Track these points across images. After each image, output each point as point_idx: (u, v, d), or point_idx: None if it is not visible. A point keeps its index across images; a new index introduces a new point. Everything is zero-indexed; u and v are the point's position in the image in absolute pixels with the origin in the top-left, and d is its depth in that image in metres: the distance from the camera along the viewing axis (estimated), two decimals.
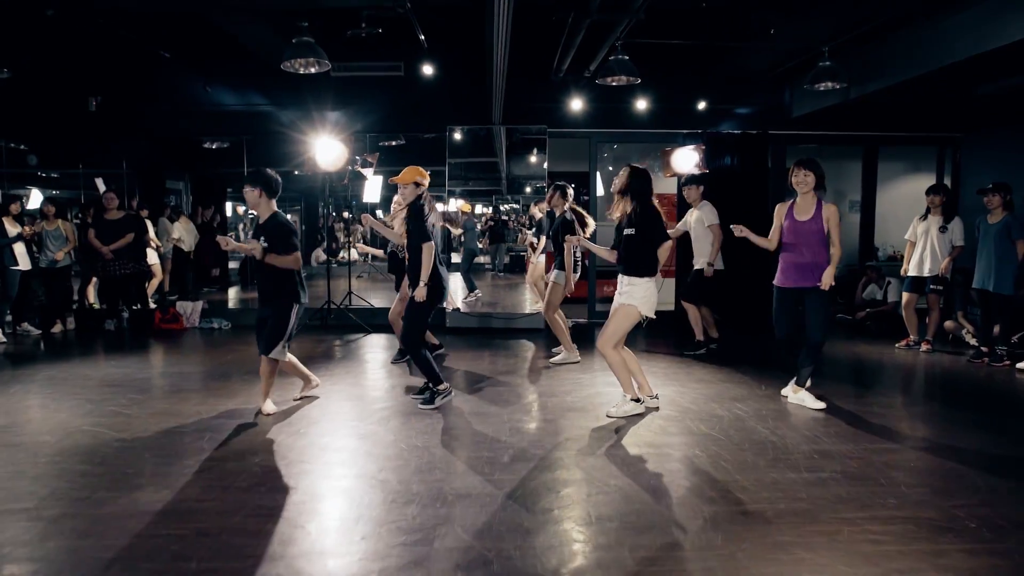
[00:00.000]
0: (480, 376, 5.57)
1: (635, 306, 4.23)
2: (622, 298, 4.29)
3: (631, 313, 4.25)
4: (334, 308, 8.14)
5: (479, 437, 3.97)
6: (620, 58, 6.18)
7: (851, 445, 3.79)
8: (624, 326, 4.30)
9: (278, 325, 4.34)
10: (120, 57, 7.57)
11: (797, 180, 4.60)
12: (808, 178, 4.55)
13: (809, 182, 4.55)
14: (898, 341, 6.87)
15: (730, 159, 8.46)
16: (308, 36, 5.73)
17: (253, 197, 4.29)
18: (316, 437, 3.99)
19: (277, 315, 4.34)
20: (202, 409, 4.58)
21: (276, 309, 4.35)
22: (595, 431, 4.09)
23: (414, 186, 4.62)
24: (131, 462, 3.57)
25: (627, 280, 4.29)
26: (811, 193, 4.60)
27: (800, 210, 4.62)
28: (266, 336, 4.38)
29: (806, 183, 4.56)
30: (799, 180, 4.58)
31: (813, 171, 4.56)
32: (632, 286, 4.26)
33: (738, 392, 4.98)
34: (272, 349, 4.36)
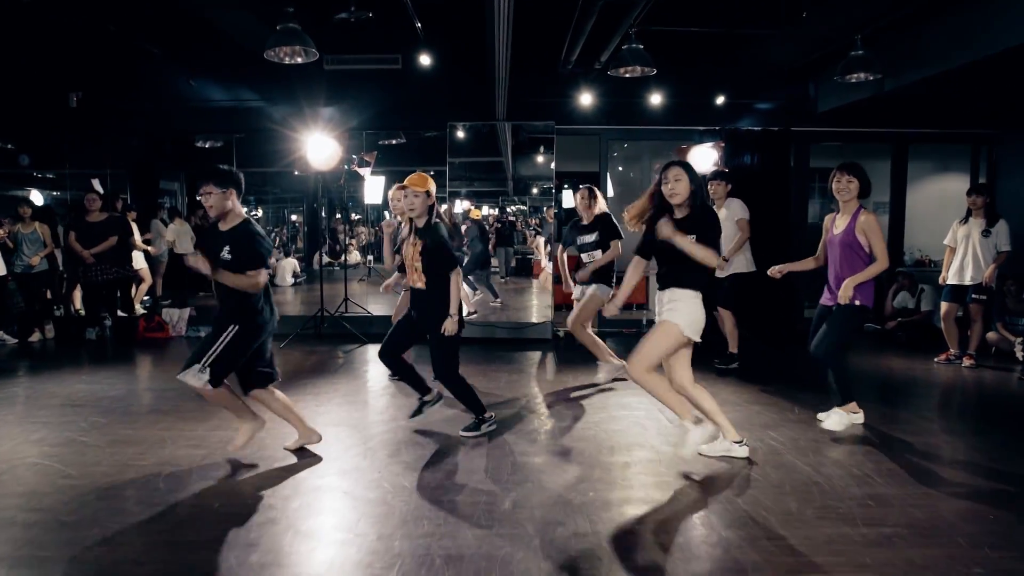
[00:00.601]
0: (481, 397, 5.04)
1: (678, 325, 3.41)
2: (664, 313, 3.48)
3: (672, 331, 3.40)
4: (328, 316, 7.64)
5: (477, 476, 3.45)
6: (634, 47, 5.65)
7: (910, 488, 3.24)
8: (662, 346, 3.43)
9: (207, 341, 3.46)
10: (100, 50, 7.10)
11: (839, 187, 4.02)
12: (852, 185, 3.97)
13: (852, 189, 3.97)
14: (935, 354, 6.31)
15: (750, 157, 7.92)
16: (294, 23, 5.24)
17: (220, 201, 3.47)
18: (289, 473, 3.48)
19: (214, 331, 3.48)
20: (168, 436, 4.08)
21: (217, 325, 3.50)
22: (607, 467, 3.56)
23: (426, 196, 3.87)
24: (72, 508, 3.06)
25: (668, 295, 3.47)
26: (853, 201, 4.02)
27: (838, 223, 4.10)
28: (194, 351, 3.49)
29: (848, 191, 3.99)
30: (840, 187, 4.01)
31: (857, 177, 3.98)
32: (675, 301, 3.43)
33: (770, 418, 4.43)
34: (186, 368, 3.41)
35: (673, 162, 3.47)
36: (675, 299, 3.44)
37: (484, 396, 5.03)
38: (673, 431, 4.16)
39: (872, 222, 3.94)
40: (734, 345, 5.91)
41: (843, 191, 3.99)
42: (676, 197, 3.41)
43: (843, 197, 4.00)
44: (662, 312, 3.49)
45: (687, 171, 3.41)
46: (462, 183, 9.31)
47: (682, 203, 3.42)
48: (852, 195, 3.97)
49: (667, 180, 3.41)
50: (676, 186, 3.38)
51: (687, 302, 3.43)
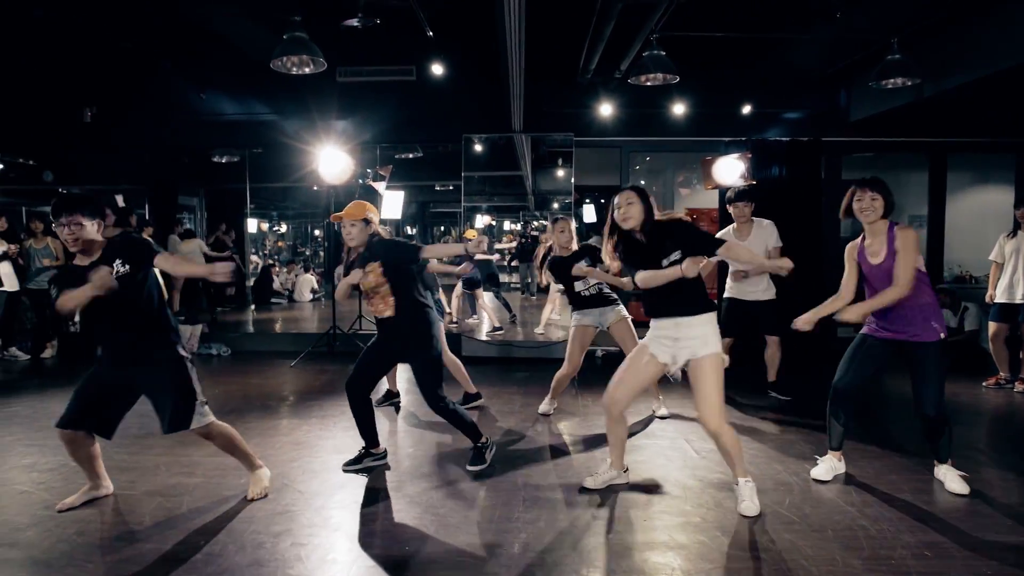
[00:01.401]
0: (494, 421, 4.77)
1: (719, 352, 3.14)
2: (699, 347, 3.11)
3: (719, 363, 3.12)
4: (340, 333, 7.43)
5: (488, 513, 3.17)
6: (656, 53, 5.39)
7: (971, 536, 2.89)
8: (722, 381, 3.13)
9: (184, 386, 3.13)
10: (113, 65, 7.04)
11: (861, 206, 3.42)
12: (876, 203, 3.39)
13: (878, 208, 3.40)
14: (983, 378, 5.90)
15: (778, 169, 7.57)
16: (302, 32, 5.08)
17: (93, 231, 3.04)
18: (286, 505, 3.24)
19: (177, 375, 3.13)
20: (162, 462, 3.87)
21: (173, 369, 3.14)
22: (628, 504, 3.26)
23: (364, 224, 3.65)
24: (48, 544, 2.85)
25: (688, 322, 3.14)
26: (880, 221, 3.44)
27: (871, 249, 3.48)
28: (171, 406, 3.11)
29: (873, 209, 3.40)
30: (863, 206, 3.41)
31: (882, 194, 3.41)
32: (705, 326, 3.14)
33: (804, 449, 4.09)
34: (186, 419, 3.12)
35: (624, 187, 3.23)
36: (705, 326, 3.13)
37: (497, 421, 4.77)
38: (700, 462, 3.85)
39: (911, 237, 3.36)
40: (774, 373, 5.47)
41: (868, 211, 3.42)
42: (629, 222, 3.13)
43: (869, 218, 3.43)
44: (692, 345, 3.13)
45: (638, 193, 3.16)
46: (482, 198, 9.09)
47: (638, 227, 3.15)
48: (878, 214, 3.42)
49: (618, 206, 3.16)
50: (628, 210, 3.13)
51: (712, 325, 3.16)
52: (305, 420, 4.82)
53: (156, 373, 3.10)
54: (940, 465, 3.56)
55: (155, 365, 3.10)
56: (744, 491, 3.16)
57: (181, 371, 3.13)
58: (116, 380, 3.16)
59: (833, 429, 3.65)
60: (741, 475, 3.19)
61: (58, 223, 3.01)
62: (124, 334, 3.08)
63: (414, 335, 3.64)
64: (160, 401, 3.13)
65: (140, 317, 3.08)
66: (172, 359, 3.13)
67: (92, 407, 3.15)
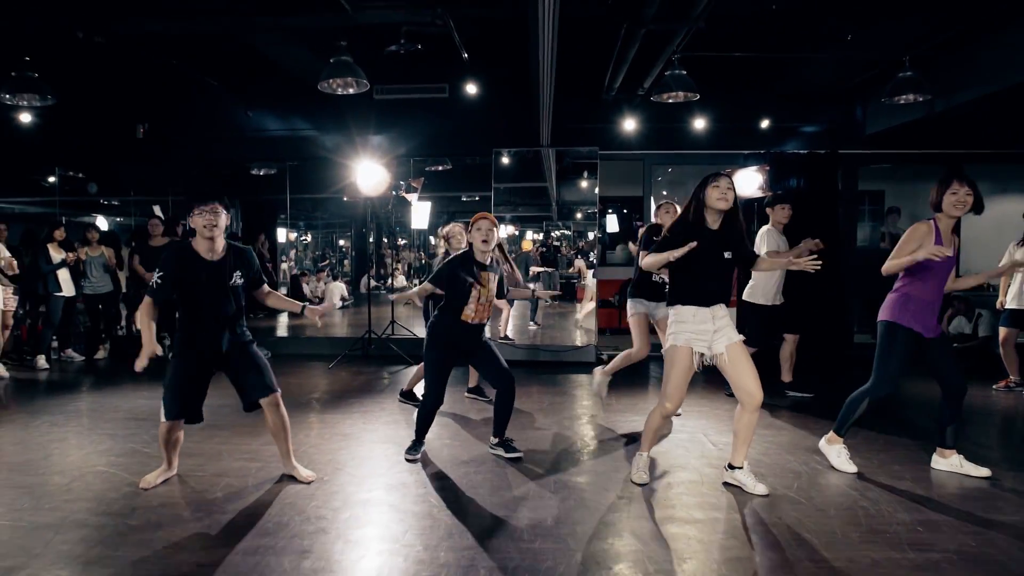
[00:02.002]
0: (525, 418, 5.11)
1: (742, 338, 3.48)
2: (732, 332, 3.42)
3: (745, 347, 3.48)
4: (375, 337, 7.83)
5: (521, 493, 3.51)
6: (677, 73, 5.75)
7: (963, 516, 3.17)
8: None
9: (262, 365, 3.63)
10: (165, 84, 7.55)
11: (957, 199, 3.53)
12: (970, 199, 3.53)
13: (970, 203, 3.54)
14: (994, 382, 6.11)
15: (796, 181, 7.84)
16: (347, 56, 5.51)
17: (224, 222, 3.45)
18: (340, 487, 3.60)
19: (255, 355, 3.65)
20: (224, 449, 4.27)
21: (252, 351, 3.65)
22: (650, 487, 3.58)
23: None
24: (137, 513, 3.24)
25: (723, 310, 3.46)
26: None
27: (948, 239, 3.62)
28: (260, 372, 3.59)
29: (967, 204, 3.54)
30: (959, 200, 3.53)
31: (976, 192, 3.57)
32: (724, 318, 3.46)
33: (814, 442, 4.37)
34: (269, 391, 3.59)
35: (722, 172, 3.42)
36: (724, 315, 3.45)
37: (528, 417, 5.10)
38: (716, 453, 4.15)
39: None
40: (789, 373, 5.76)
41: (962, 204, 3.54)
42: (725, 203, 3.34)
43: (961, 211, 3.56)
44: (727, 331, 3.41)
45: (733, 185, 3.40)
46: (507, 208, 9.46)
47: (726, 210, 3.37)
48: (968, 208, 3.57)
49: (726, 188, 3.34)
50: (730, 194, 3.35)
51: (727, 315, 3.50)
52: (348, 415, 5.20)
53: (243, 357, 3.56)
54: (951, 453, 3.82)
55: (242, 350, 3.57)
56: (746, 475, 3.49)
57: (255, 351, 3.62)
58: (204, 371, 3.58)
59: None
60: (743, 459, 3.51)
61: (200, 210, 3.35)
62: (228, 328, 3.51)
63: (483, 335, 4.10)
64: (244, 379, 3.58)
65: (239, 314, 3.58)
66: (249, 342, 3.63)
67: (189, 398, 3.57)
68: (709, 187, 3.35)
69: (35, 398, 5.87)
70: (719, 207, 3.34)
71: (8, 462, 4.02)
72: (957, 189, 3.54)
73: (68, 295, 7.65)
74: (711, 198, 3.33)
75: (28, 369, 7.12)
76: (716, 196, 3.32)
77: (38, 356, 7.31)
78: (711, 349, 3.40)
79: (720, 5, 4.65)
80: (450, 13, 4.93)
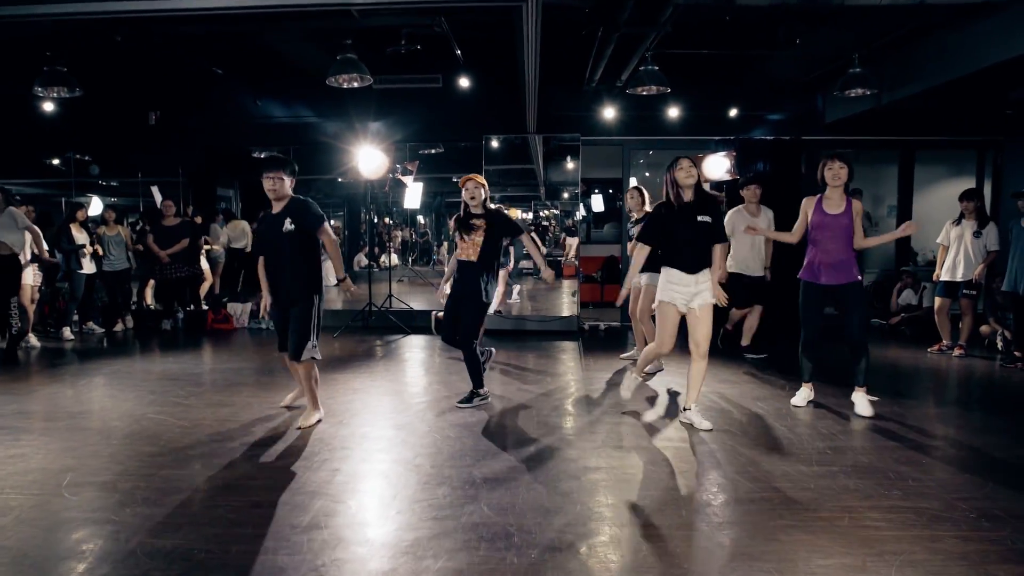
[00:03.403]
0: (514, 377, 5.82)
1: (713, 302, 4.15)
2: (700, 298, 4.11)
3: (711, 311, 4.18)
4: (375, 310, 8.50)
5: (509, 430, 4.23)
6: (650, 68, 6.40)
7: (866, 443, 3.92)
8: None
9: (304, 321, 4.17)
10: (178, 74, 8.10)
11: (832, 173, 4.42)
12: (843, 171, 4.41)
13: (843, 176, 4.41)
14: (929, 345, 6.89)
15: (762, 165, 8.53)
16: (352, 53, 6.11)
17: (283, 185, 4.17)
18: (357, 427, 4.30)
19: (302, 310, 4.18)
20: (253, 401, 4.94)
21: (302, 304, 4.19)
22: (619, 425, 4.31)
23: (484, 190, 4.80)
24: (192, 444, 3.93)
25: (702, 277, 4.12)
26: (842, 188, 4.49)
27: (830, 204, 4.50)
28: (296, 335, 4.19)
29: (840, 177, 4.41)
30: (834, 173, 4.42)
31: (848, 164, 4.45)
32: (705, 283, 4.12)
33: (761, 392, 5.13)
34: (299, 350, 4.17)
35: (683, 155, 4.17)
36: (706, 280, 4.14)
37: (516, 376, 5.83)
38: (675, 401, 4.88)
39: (861, 207, 4.58)
40: (748, 339, 6.50)
41: (836, 177, 4.41)
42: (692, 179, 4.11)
43: (835, 183, 4.42)
44: (705, 294, 4.12)
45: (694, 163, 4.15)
46: (496, 189, 10.09)
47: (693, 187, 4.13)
48: (843, 181, 4.43)
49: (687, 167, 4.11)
50: (692, 171, 4.11)
51: (709, 281, 4.17)
52: (356, 374, 5.89)
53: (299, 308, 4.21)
54: (858, 390, 4.60)
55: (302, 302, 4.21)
56: (696, 415, 4.24)
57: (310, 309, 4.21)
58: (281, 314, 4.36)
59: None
60: (693, 401, 4.27)
61: (265, 176, 4.10)
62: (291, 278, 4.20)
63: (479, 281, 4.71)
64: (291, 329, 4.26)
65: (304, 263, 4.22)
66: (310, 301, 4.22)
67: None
68: (675, 171, 4.14)
69: (71, 363, 6.51)
70: (688, 183, 4.11)
71: (69, 411, 4.68)
72: (831, 164, 4.43)
73: (89, 272, 8.24)
74: (680, 178, 4.11)
75: (55, 339, 7.73)
76: (683, 176, 4.11)
77: (63, 328, 7.92)
78: (687, 306, 4.18)
79: (684, 14, 5.30)
80: (447, 19, 5.54)
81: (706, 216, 4.10)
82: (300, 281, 4.18)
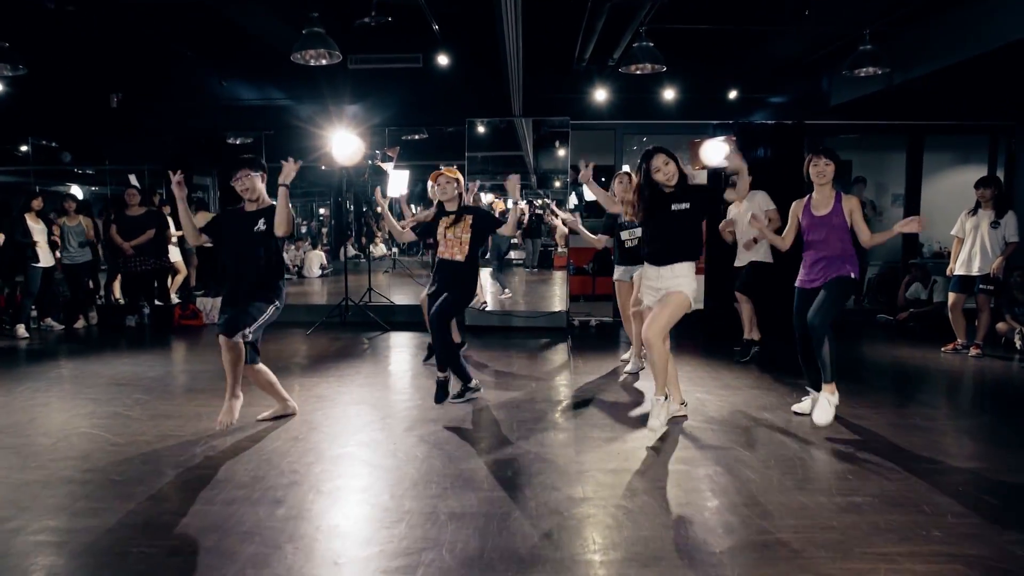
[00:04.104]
0: (497, 382, 5.33)
1: (687, 294, 3.82)
2: (672, 285, 3.83)
3: (684, 302, 3.81)
4: (352, 305, 7.99)
5: (485, 449, 3.74)
6: (644, 45, 5.87)
7: (890, 464, 3.44)
8: (677, 315, 3.82)
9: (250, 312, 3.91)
10: (138, 53, 7.53)
11: (817, 170, 4.12)
12: (829, 168, 4.11)
13: (829, 173, 4.11)
14: (944, 345, 6.43)
15: (763, 151, 8.03)
16: (319, 27, 5.55)
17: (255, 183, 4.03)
18: (314, 443, 3.80)
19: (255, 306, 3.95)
20: (204, 411, 4.43)
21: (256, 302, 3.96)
22: (611, 442, 3.82)
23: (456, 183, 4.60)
24: (120, 469, 3.42)
25: (671, 269, 3.84)
26: (829, 185, 4.15)
27: (818, 204, 4.18)
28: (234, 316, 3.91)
29: (825, 174, 4.11)
30: (819, 171, 4.12)
31: (834, 161, 4.14)
32: (679, 277, 3.83)
33: (767, 400, 4.65)
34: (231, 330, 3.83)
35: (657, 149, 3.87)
36: (678, 274, 3.83)
37: (498, 378, 5.32)
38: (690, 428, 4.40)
39: (858, 202, 4.17)
40: (750, 332, 6.03)
41: (821, 174, 4.12)
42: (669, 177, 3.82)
43: (820, 180, 4.14)
44: (666, 286, 3.84)
45: (672, 156, 3.84)
46: (485, 176, 9.58)
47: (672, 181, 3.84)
48: (828, 179, 4.13)
49: (662, 164, 3.82)
50: (669, 168, 3.82)
51: (689, 274, 3.85)
52: (324, 378, 5.39)
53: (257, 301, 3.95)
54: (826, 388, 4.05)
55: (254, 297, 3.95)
56: (656, 407, 3.83)
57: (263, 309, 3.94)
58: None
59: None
60: (659, 392, 3.86)
61: (234, 179, 3.97)
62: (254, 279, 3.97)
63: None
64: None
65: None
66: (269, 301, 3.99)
67: None
68: (651, 167, 3.85)
69: (17, 365, 5.99)
70: (665, 181, 3.84)
71: None
72: (816, 162, 4.11)
73: (46, 265, 7.70)
74: (658, 179, 3.85)
75: (8, 338, 7.20)
76: (661, 177, 3.84)
77: (17, 325, 7.38)
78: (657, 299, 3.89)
79: None
80: None
81: (683, 203, 3.84)
82: (263, 284, 3.98)
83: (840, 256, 4.09)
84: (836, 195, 4.16)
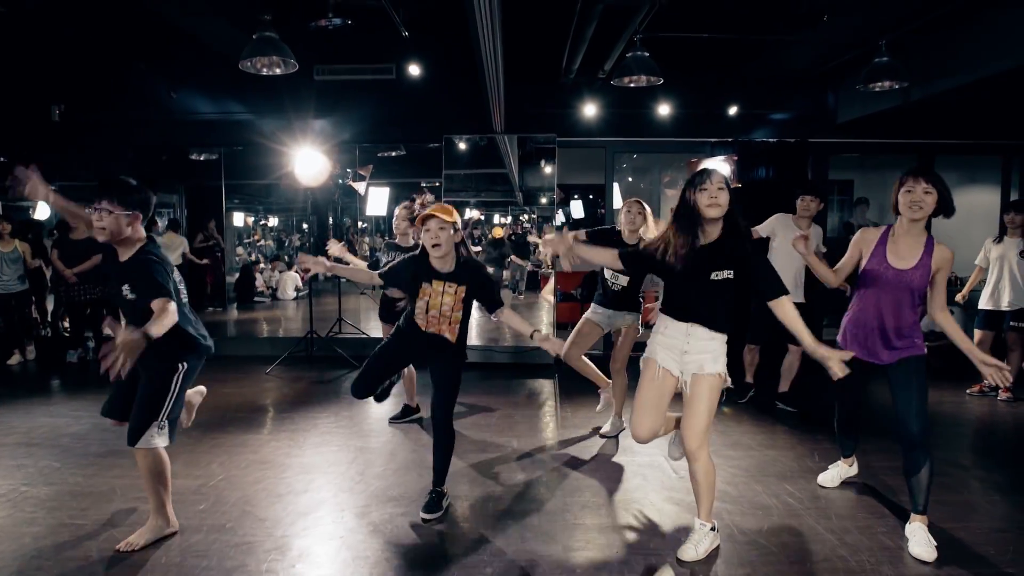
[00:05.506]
0: (472, 438, 4.63)
1: (723, 375, 2.79)
2: (707, 363, 2.77)
3: (719, 385, 2.79)
4: (317, 338, 7.26)
5: (454, 541, 3.03)
6: (639, 54, 5.25)
7: (953, 566, 2.79)
8: (715, 406, 2.81)
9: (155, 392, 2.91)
10: (82, 62, 6.82)
11: (911, 199, 2.87)
12: (929, 198, 2.85)
13: (929, 204, 2.86)
14: (967, 384, 5.83)
15: (765, 171, 7.46)
16: (271, 31, 4.89)
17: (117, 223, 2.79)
18: (241, 537, 3.09)
19: (158, 377, 2.92)
20: (119, 485, 3.70)
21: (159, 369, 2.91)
22: (610, 535, 3.14)
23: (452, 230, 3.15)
24: None
25: (709, 335, 2.78)
26: (923, 223, 2.94)
27: (900, 249, 2.99)
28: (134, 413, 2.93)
29: (923, 206, 2.86)
30: (914, 199, 2.86)
31: (937, 188, 2.87)
32: (718, 343, 2.79)
33: (787, 466, 3.99)
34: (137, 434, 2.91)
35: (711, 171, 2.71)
36: (719, 343, 2.80)
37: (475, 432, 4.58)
38: (678, 483, 3.73)
39: (951, 259, 2.95)
40: (751, 375, 5.50)
41: (918, 203, 2.85)
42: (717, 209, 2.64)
43: (915, 214, 2.88)
44: (701, 359, 2.78)
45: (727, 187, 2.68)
46: (468, 194, 8.95)
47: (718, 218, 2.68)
48: (927, 213, 2.87)
49: (715, 190, 2.64)
50: (721, 196, 2.63)
51: (723, 345, 2.81)
52: (275, 436, 4.66)
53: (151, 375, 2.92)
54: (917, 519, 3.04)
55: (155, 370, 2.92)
56: (698, 534, 2.87)
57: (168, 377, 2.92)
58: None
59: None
60: (706, 517, 2.87)
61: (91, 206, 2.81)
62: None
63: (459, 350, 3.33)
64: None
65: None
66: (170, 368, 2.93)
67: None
68: (698, 192, 2.65)
69: None
70: (712, 215, 2.64)
71: None
72: (913, 187, 2.89)
73: None
74: (702, 204, 2.64)
75: None
76: (706, 202, 2.63)
77: None
78: (681, 373, 2.84)
79: None
80: None
81: (726, 271, 2.69)
82: (155, 350, 2.61)
83: (908, 324, 3.04)
84: (928, 241, 2.97)
